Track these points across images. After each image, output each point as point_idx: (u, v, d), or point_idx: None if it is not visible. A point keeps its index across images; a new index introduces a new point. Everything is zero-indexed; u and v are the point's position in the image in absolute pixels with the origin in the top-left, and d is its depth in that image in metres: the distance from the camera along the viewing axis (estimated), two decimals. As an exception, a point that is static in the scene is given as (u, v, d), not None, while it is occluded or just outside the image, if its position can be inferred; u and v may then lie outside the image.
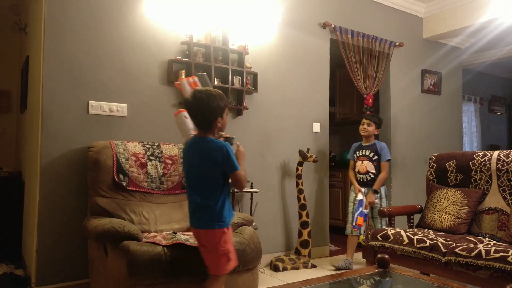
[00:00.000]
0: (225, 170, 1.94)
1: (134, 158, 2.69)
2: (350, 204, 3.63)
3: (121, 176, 2.60)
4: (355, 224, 3.48)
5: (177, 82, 2.64)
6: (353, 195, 3.63)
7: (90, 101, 2.84)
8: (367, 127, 3.62)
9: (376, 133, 3.69)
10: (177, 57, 3.16)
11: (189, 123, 2.21)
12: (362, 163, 3.61)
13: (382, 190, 3.60)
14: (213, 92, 1.96)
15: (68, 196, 2.74)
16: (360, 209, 3.48)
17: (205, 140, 1.95)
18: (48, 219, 2.67)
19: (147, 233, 2.49)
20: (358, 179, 3.63)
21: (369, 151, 3.62)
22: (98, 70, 2.87)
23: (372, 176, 3.56)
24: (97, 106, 2.87)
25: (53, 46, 2.72)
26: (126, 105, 2.98)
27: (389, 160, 3.62)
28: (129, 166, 2.65)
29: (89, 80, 2.84)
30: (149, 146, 2.81)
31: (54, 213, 2.69)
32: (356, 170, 3.66)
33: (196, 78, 2.42)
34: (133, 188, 2.64)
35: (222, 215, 1.95)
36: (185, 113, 2.22)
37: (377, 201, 3.53)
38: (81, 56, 2.81)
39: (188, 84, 2.39)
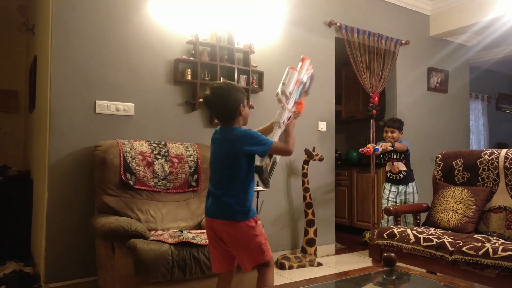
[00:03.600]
0: (260, 151, 1.88)
1: (141, 157, 2.71)
2: (384, 201, 3.65)
3: (128, 175, 2.62)
4: (365, 148, 3.37)
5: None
6: (386, 192, 3.66)
7: (97, 101, 2.86)
8: (391, 135, 3.65)
9: (401, 136, 3.71)
10: (183, 57, 3.17)
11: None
12: (393, 164, 3.66)
13: (413, 187, 3.66)
14: (227, 82, 1.99)
15: (75, 194, 2.77)
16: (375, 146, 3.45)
17: (230, 129, 1.93)
18: (56, 217, 2.70)
19: (154, 231, 2.51)
20: (391, 178, 3.68)
21: (397, 153, 3.65)
22: (104, 70, 2.90)
23: (404, 174, 3.63)
24: (104, 106, 2.89)
25: (60, 46, 2.74)
26: (132, 104, 3.00)
27: (407, 150, 3.64)
28: (136, 165, 2.67)
29: (96, 80, 2.86)
30: (155, 145, 2.82)
31: (62, 211, 2.72)
32: (388, 169, 3.71)
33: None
34: (140, 187, 2.66)
35: (245, 205, 1.88)
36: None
37: (409, 197, 3.61)
38: (88, 56, 2.84)
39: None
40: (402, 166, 3.62)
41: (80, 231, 2.75)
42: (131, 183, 2.62)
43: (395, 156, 3.66)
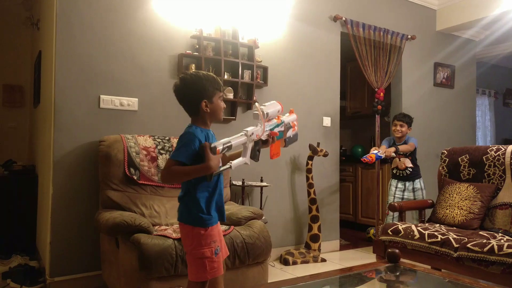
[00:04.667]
0: None
1: (145, 152, 2.71)
2: (390, 198, 3.62)
3: (132, 170, 2.63)
4: (366, 156, 3.31)
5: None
6: (393, 189, 3.63)
7: (101, 96, 2.87)
8: (400, 128, 3.61)
9: (409, 131, 3.67)
10: (187, 51, 3.16)
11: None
12: (400, 160, 3.62)
13: (421, 183, 3.63)
14: (199, 73, 1.74)
15: (80, 189, 2.78)
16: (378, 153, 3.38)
17: (187, 126, 1.74)
18: (61, 212, 2.72)
19: (158, 226, 2.52)
20: (398, 174, 3.64)
21: None
22: (108, 65, 2.90)
23: (411, 170, 3.58)
24: (108, 100, 2.89)
25: (65, 41, 2.74)
26: (136, 99, 3.00)
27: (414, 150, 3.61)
28: (140, 160, 2.67)
29: (100, 75, 2.86)
30: (159, 140, 2.82)
31: (67, 206, 2.73)
32: (394, 165, 3.67)
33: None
34: (144, 182, 2.66)
35: (194, 211, 1.67)
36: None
37: (418, 193, 3.58)
38: (92, 51, 2.84)
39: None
40: (408, 163, 3.58)
41: (85, 226, 2.76)
42: (135, 178, 2.63)
43: (401, 152, 3.64)
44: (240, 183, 3.22)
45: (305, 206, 3.74)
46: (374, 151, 3.35)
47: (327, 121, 4.00)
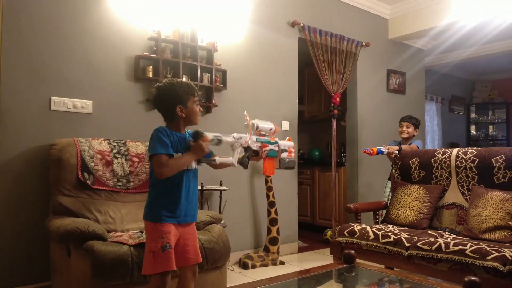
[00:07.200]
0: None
1: (99, 156, 2.61)
2: (385, 200, 3.60)
3: (85, 175, 2.53)
4: (368, 148, 3.39)
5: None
6: (388, 190, 3.64)
7: (52, 97, 2.74)
8: (406, 129, 3.69)
9: (415, 134, 3.74)
10: (145, 53, 3.10)
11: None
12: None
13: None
14: (173, 80, 1.86)
15: (28, 196, 2.63)
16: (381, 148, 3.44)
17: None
18: (7, 220, 2.56)
19: (113, 232, 2.44)
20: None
21: None
22: (60, 64, 2.77)
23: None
24: (60, 102, 2.77)
25: (12, 37, 2.59)
26: (91, 101, 2.89)
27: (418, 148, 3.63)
28: (94, 164, 2.58)
29: (51, 75, 2.74)
30: (115, 143, 2.74)
31: (13, 213, 2.58)
32: (392, 161, 3.66)
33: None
34: (98, 187, 2.57)
35: (152, 208, 1.82)
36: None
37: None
38: (42, 49, 2.70)
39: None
40: (395, 149, 3.57)
41: (33, 234, 2.62)
42: (89, 183, 2.53)
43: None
44: (199, 187, 3.19)
45: (264, 209, 3.76)
46: (379, 146, 3.42)
47: (285, 125, 4.05)
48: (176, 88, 1.82)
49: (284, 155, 2.02)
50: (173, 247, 1.80)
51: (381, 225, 2.97)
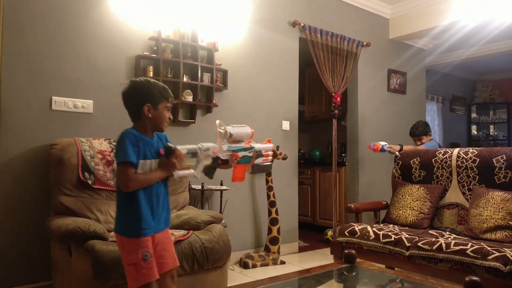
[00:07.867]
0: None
1: (100, 156, 2.62)
2: None
3: (86, 174, 2.53)
4: (373, 144, 3.51)
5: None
6: None
7: (53, 97, 2.74)
8: (420, 142, 3.79)
9: (431, 138, 3.84)
10: (145, 53, 3.10)
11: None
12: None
13: None
14: (150, 79, 1.75)
15: (29, 195, 2.64)
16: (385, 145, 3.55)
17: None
18: (8, 219, 2.57)
19: (113, 232, 2.44)
20: None
21: None
22: (61, 65, 2.78)
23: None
24: (61, 102, 2.77)
25: (13, 37, 2.60)
26: (92, 101, 2.90)
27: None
28: (95, 164, 2.58)
29: (52, 75, 2.74)
30: (116, 143, 2.73)
31: (14, 213, 2.59)
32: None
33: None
34: (99, 187, 2.57)
35: (127, 222, 1.67)
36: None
37: None
38: (43, 49, 2.71)
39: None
40: (396, 149, 3.66)
41: (34, 234, 2.62)
42: (90, 182, 2.53)
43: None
44: (199, 187, 3.19)
45: (264, 209, 3.76)
46: (383, 143, 3.52)
47: (286, 125, 4.05)
48: (151, 86, 1.70)
49: (259, 160, 1.88)
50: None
51: (381, 225, 2.97)
